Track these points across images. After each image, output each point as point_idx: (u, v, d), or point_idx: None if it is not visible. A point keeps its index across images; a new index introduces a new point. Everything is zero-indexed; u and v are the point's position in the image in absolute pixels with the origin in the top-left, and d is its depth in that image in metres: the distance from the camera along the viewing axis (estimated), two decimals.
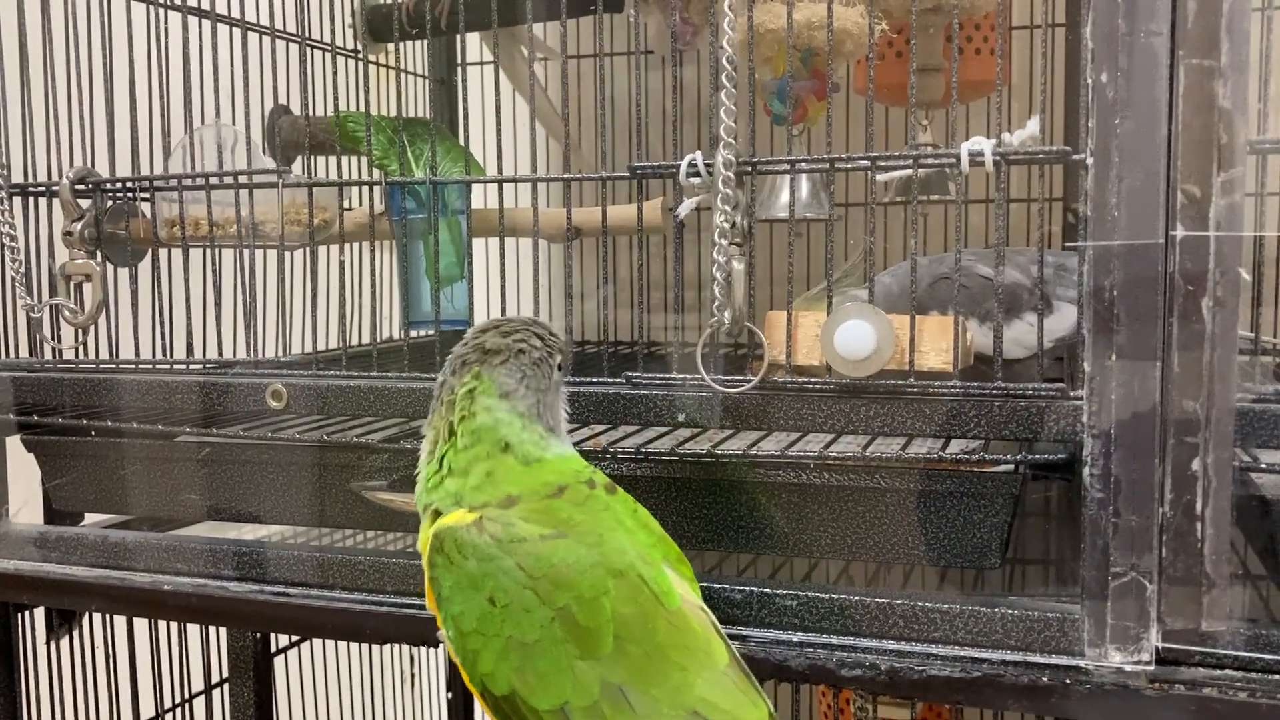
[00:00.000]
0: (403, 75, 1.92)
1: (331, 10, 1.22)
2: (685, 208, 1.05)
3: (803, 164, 1.04)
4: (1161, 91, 0.88)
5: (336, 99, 1.19)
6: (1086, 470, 0.91)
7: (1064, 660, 0.94)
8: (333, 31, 1.35)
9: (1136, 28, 0.87)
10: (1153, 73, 0.88)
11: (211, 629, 1.55)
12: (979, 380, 1.00)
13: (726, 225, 1.01)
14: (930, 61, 1.57)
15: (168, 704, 1.51)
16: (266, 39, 1.25)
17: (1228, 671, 0.91)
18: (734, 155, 1.00)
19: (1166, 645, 0.91)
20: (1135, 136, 0.89)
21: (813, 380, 1.02)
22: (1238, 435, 0.89)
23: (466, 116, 1.16)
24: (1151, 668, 0.91)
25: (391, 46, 1.80)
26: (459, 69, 1.98)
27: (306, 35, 1.19)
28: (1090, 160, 0.90)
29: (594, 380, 1.09)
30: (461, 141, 1.25)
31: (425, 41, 1.99)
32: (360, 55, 1.74)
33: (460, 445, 0.88)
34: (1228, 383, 0.88)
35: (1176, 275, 0.88)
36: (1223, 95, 0.87)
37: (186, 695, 1.55)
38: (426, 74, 2.04)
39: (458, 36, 1.96)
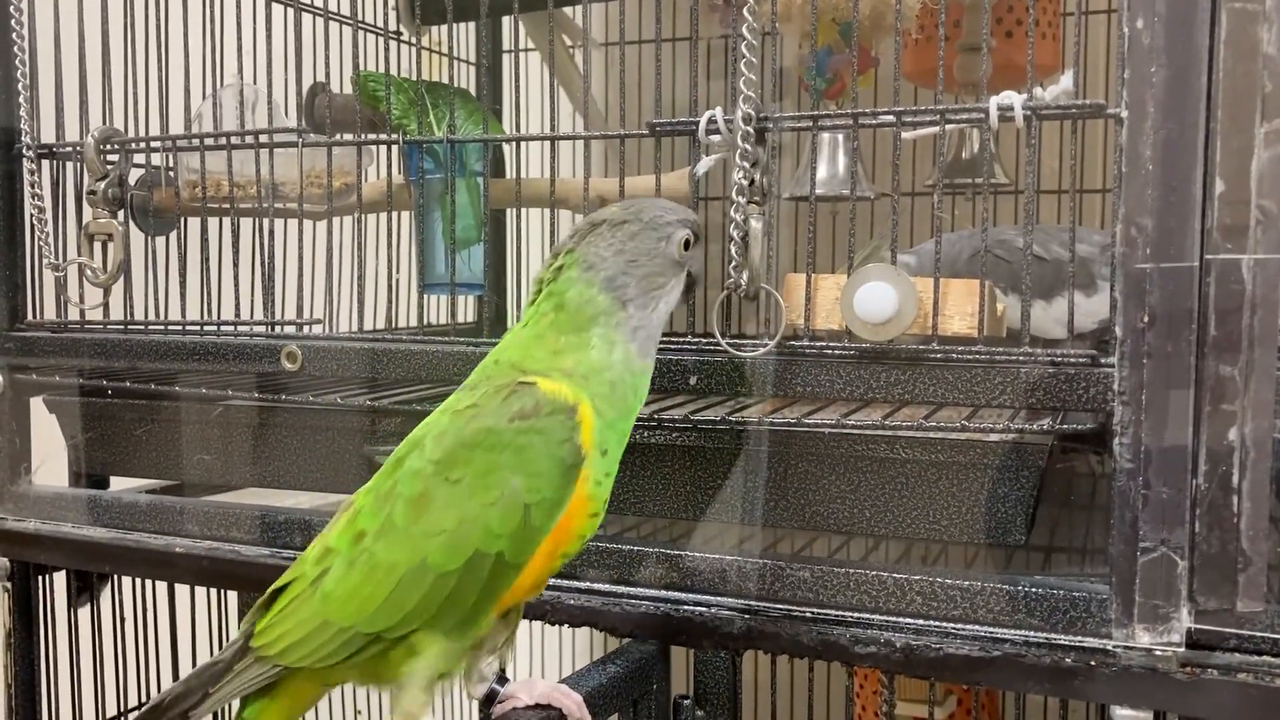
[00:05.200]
0: (443, 59, 1.91)
1: None
2: (704, 165, 1.02)
3: (825, 120, 1.00)
4: (1201, 38, 0.83)
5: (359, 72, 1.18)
6: (1116, 440, 0.87)
7: (1089, 641, 0.89)
8: (356, 8, 1.34)
9: None
10: (1192, 17, 0.83)
11: (231, 608, 1.54)
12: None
13: (745, 183, 0.98)
14: (975, 40, 1.53)
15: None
16: (310, 18, 1.25)
17: (1266, 657, 0.85)
18: (754, 110, 0.97)
19: (1199, 627, 0.86)
20: (1173, 86, 0.84)
21: (831, 344, 0.98)
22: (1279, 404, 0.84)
23: (482, 88, 1.14)
24: (1182, 650, 0.86)
25: (433, 28, 1.80)
26: (503, 54, 1.98)
27: (353, 16, 1.18)
28: (1125, 113, 0.86)
29: None
30: (507, 125, 1.23)
31: (469, 24, 1.98)
32: (400, 36, 1.73)
33: (540, 311, 0.84)
34: (1268, 347, 0.83)
35: (1214, 231, 0.83)
36: (1267, 41, 0.82)
37: None
38: (472, 59, 2.03)
39: (504, 21, 1.95)
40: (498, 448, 0.79)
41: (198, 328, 1.24)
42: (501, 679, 0.86)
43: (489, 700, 0.86)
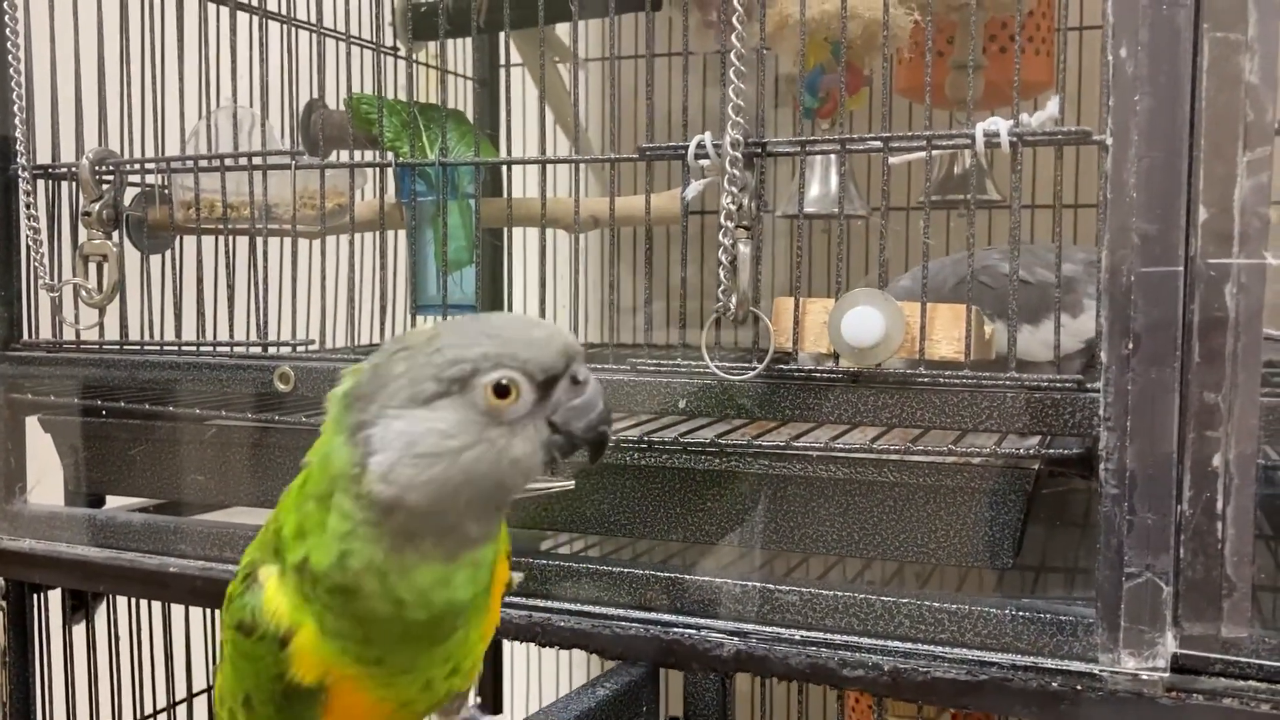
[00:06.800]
0: (440, 74, 1.92)
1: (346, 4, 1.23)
2: (693, 189, 1.02)
3: (813, 145, 1.01)
4: (1184, 67, 0.84)
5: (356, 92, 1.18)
6: (1102, 465, 0.87)
7: (1075, 665, 0.90)
8: (348, 24, 1.35)
9: None
10: (1175, 47, 0.84)
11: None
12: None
13: (733, 208, 0.99)
14: (965, 59, 1.53)
15: (180, 695, 1.50)
16: (303, 34, 1.25)
17: (1251, 682, 0.86)
18: (742, 135, 0.98)
19: (1184, 652, 0.86)
20: (1156, 114, 0.85)
21: (819, 369, 0.99)
22: (1264, 431, 0.85)
23: (479, 107, 1.15)
24: (1167, 675, 0.86)
25: (429, 43, 1.80)
26: (501, 69, 1.98)
27: (347, 32, 1.19)
28: (1109, 140, 0.86)
29: (596, 367, 1.07)
30: (502, 140, 1.23)
31: (466, 41, 1.99)
32: (395, 51, 1.74)
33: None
34: (1252, 373, 0.83)
35: (1198, 258, 0.83)
36: (1249, 70, 0.82)
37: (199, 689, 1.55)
38: (469, 74, 2.04)
39: (501, 37, 1.95)
40: (234, 652, 0.71)
41: (193, 349, 1.24)
42: (484, 708, 0.84)
43: None
